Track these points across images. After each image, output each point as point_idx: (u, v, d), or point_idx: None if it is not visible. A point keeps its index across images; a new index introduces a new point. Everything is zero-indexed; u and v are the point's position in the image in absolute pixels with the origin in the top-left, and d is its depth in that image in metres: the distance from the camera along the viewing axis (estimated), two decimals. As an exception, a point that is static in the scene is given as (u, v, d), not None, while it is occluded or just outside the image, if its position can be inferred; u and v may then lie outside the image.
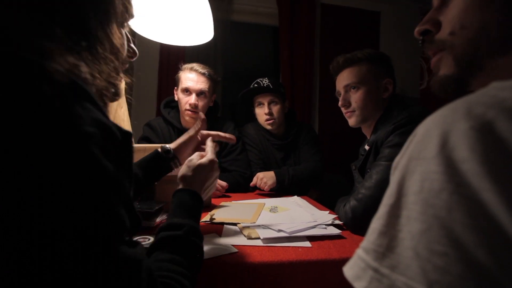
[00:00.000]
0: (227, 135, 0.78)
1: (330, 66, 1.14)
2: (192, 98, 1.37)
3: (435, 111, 0.24)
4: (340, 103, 1.07)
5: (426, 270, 0.19)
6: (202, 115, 0.79)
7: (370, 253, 0.23)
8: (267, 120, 1.50)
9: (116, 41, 0.44)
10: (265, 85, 1.50)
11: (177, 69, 2.27)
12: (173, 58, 2.29)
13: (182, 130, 1.41)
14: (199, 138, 0.77)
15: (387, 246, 0.22)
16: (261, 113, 1.51)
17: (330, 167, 2.34)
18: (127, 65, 0.54)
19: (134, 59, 0.56)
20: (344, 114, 1.09)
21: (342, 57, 1.07)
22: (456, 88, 0.37)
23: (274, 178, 1.35)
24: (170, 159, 0.74)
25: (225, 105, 2.68)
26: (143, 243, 0.64)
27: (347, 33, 2.62)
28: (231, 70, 2.78)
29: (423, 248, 0.20)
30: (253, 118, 1.65)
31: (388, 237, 0.23)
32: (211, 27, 1.02)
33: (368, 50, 1.06)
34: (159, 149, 0.74)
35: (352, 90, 1.04)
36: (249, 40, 3.19)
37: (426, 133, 0.22)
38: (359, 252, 0.25)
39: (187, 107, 1.38)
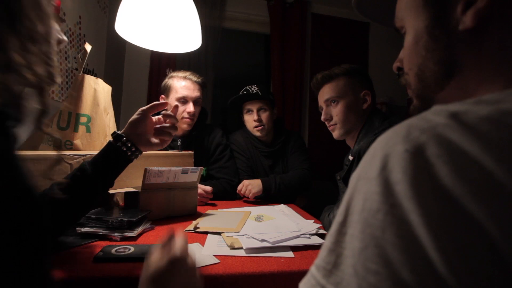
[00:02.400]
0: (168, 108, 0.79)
1: (311, 83, 1.19)
2: (191, 107, 1.39)
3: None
4: (322, 117, 1.13)
5: (362, 287, 0.20)
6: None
7: (320, 270, 0.24)
8: (256, 126, 1.50)
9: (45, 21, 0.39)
10: (254, 92, 1.50)
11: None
12: (163, 65, 2.29)
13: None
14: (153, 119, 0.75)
15: (334, 263, 0.23)
16: (250, 119, 1.52)
17: (319, 175, 2.35)
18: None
19: (62, 45, 0.51)
20: (328, 127, 1.13)
21: (321, 74, 1.13)
22: None
23: (260, 186, 1.35)
24: (126, 147, 0.69)
25: (216, 111, 2.68)
26: (123, 253, 0.63)
27: (337, 42, 2.66)
28: (222, 77, 2.79)
29: (360, 266, 0.20)
30: (243, 125, 1.65)
31: (335, 254, 0.24)
32: (199, 35, 1.03)
33: (345, 65, 1.10)
34: (111, 139, 0.69)
35: (332, 104, 1.09)
36: (240, 47, 3.21)
37: (373, 154, 0.23)
38: (312, 268, 0.26)
39: (185, 115, 1.39)
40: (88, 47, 0.97)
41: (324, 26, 2.64)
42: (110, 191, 0.91)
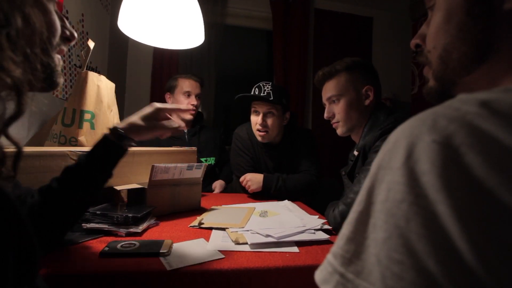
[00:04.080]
0: (182, 106, 0.81)
1: (314, 80, 1.17)
2: (194, 100, 1.72)
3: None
4: (325, 115, 1.11)
5: (385, 277, 0.20)
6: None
7: (338, 258, 0.24)
8: (258, 130, 1.38)
9: (36, 19, 0.38)
10: (265, 92, 1.33)
11: (170, 73, 2.32)
12: (166, 62, 2.29)
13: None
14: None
15: (354, 252, 0.23)
16: (255, 121, 1.39)
17: (324, 171, 2.34)
18: (63, 48, 0.48)
19: (73, 42, 0.50)
20: (331, 124, 1.12)
21: (322, 71, 1.11)
22: (439, 99, 0.39)
23: (260, 183, 1.32)
24: (123, 138, 0.67)
25: (218, 108, 2.68)
26: (128, 248, 0.63)
27: (340, 38, 2.64)
28: (224, 73, 2.78)
29: (384, 256, 0.20)
30: (248, 120, 1.51)
31: (355, 243, 0.23)
32: (202, 31, 1.02)
33: (346, 59, 1.08)
34: (108, 132, 0.68)
35: (334, 102, 1.07)
36: (242, 44, 3.20)
37: (395, 143, 0.23)
38: (329, 256, 0.26)
39: (190, 107, 1.67)
40: (91, 43, 0.97)
41: (326, 22, 2.62)
42: (116, 188, 0.91)
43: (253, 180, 1.33)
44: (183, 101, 1.71)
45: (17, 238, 0.32)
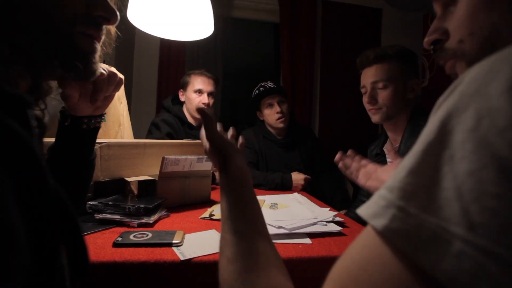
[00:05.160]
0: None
1: (358, 59, 1.10)
2: (205, 98, 1.65)
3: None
4: (366, 100, 1.06)
5: (470, 212, 0.18)
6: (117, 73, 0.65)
7: (395, 191, 0.22)
8: (279, 118, 1.59)
9: None
10: (271, 87, 1.63)
11: (177, 66, 2.29)
12: (173, 54, 2.28)
13: (189, 124, 1.69)
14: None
15: (418, 185, 0.20)
16: (272, 113, 1.61)
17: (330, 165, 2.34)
18: (100, 31, 0.43)
19: (115, 23, 0.45)
20: (368, 110, 1.08)
21: (373, 52, 1.04)
22: None
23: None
24: (74, 120, 0.59)
25: (225, 102, 2.67)
26: (141, 238, 0.63)
27: (348, 30, 2.60)
28: (231, 67, 2.77)
29: (469, 189, 0.18)
30: (255, 118, 1.76)
31: (420, 176, 0.21)
32: (211, 22, 1.01)
33: (398, 46, 1.04)
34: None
35: (380, 87, 1.02)
36: (249, 37, 3.17)
37: (489, 70, 0.20)
38: (381, 191, 0.23)
39: (201, 105, 1.63)
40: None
41: (334, 14, 2.58)
42: (127, 179, 0.91)
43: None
44: (194, 99, 1.66)
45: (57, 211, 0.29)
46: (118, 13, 0.44)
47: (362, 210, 0.23)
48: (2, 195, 0.20)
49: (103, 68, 0.56)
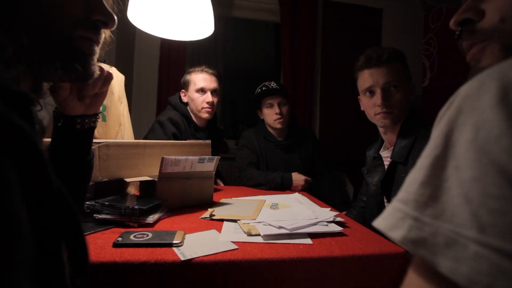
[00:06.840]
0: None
1: (365, 57, 1.04)
2: (209, 96, 1.53)
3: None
4: (380, 102, 0.99)
5: (479, 215, 0.19)
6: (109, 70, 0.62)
7: (410, 204, 0.23)
8: (277, 119, 1.60)
9: None
10: (274, 87, 1.62)
11: (177, 66, 2.25)
12: (174, 54, 2.28)
13: (195, 125, 1.59)
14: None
15: (431, 196, 0.22)
16: (271, 113, 1.61)
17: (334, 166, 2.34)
18: (98, 34, 0.44)
19: (113, 27, 0.45)
20: (376, 113, 1.01)
21: (386, 51, 1.00)
22: None
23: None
24: (69, 120, 0.59)
25: (226, 100, 2.66)
26: (141, 239, 0.63)
27: (349, 30, 2.60)
28: (231, 66, 2.77)
29: (476, 194, 0.19)
30: (255, 118, 1.76)
31: (431, 187, 0.22)
32: (212, 22, 1.01)
33: (397, 49, 1.02)
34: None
35: (393, 89, 0.98)
36: (250, 37, 3.17)
37: (480, 87, 0.22)
38: (395, 204, 0.24)
39: (205, 105, 1.52)
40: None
41: (335, 13, 2.58)
42: (126, 180, 0.91)
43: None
44: (197, 99, 1.53)
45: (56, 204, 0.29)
46: (115, 18, 0.45)
47: (380, 223, 0.25)
48: (8, 189, 0.21)
49: None
